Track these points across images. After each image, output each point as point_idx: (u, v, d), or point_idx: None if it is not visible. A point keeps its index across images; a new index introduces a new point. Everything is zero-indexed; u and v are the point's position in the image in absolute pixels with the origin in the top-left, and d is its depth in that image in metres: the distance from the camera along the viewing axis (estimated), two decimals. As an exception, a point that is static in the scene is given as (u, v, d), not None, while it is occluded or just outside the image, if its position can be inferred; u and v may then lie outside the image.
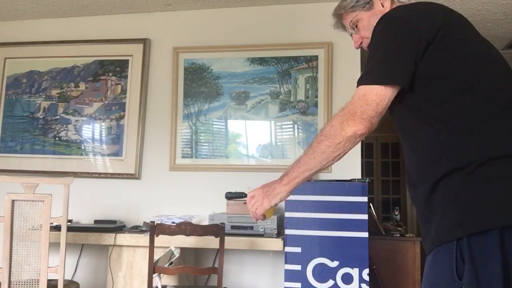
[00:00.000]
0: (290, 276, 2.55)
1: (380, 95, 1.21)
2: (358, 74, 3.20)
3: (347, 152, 1.27)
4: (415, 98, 1.24)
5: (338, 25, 1.60)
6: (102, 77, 3.51)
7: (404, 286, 3.18)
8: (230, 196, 2.94)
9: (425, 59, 1.21)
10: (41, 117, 3.55)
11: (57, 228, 2.53)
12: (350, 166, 3.11)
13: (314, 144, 1.30)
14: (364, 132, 1.21)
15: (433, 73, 1.21)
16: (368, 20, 1.45)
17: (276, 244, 2.71)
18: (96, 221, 3.25)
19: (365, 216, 2.50)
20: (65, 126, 3.51)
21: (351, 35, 1.54)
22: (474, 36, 1.29)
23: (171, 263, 2.49)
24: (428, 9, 1.30)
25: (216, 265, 2.52)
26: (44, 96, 3.58)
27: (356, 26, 1.49)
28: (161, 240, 2.54)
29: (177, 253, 2.55)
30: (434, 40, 1.21)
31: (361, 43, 1.50)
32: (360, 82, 1.25)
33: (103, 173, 3.41)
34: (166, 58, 3.44)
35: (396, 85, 1.22)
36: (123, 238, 2.84)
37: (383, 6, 1.44)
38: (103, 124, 3.46)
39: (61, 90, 3.56)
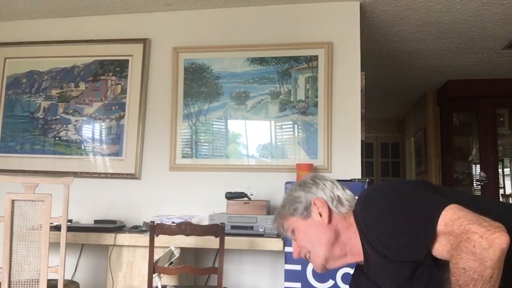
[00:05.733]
0: (290, 276, 2.55)
1: (453, 208, 1.05)
2: (358, 74, 3.20)
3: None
4: None
5: (279, 230, 1.48)
6: (102, 77, 3.51)
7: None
8: (230, 196, 2.95)
9: None
10: (41, 117, 3.55)
11: (57, 228, 2.53)
12: (350, 166, 3.11)
13: None
14: (507, 235, 0.95)
15: None
16: (305, 230, 1.37)
17: (276, 244, 2.71)
18: (96, 221, 3.25)
19: (365, 216, 2.49)
20: (65, 126, 3.51)
21: (291, 240, 1.46)
22: None
23: (171, 263, 2.49)
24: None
25: (216, 265, 2.52)
26: (44, 96, 3.58)
27: (293, 233, 1.41)
28: (161, 240, 2.54)
29: (177, 253, 2.55)
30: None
31: (299, 252, 1.40)
32: (430, 234, 1.06)
33: (103, 173, 3.41)
34: (166, 58, 3.44)
35: (451, 204, 1.07)
36: (123, 238, 2.84)
37: (321, 216, 1.35)
38: (103, 124, 3.46)
39: (61, 90, 3.56)
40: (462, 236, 0.97)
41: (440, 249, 1.06)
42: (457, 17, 3.46)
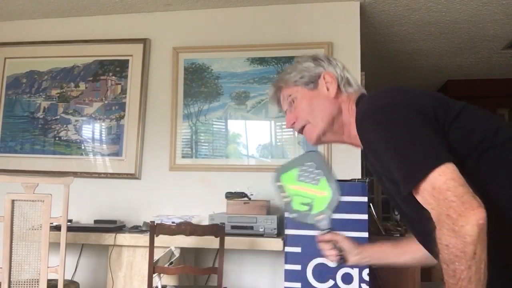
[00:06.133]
0: (290, 276, 2.55)
1: (446, 173, 1.00)
2: (358, 74, 3.20)
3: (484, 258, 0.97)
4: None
5: (274, 98, 1.41)
6: (102, 77, 3.51)
7: (404, 286, 3.18)
8: (230, 196, 2.95)
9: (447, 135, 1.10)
10: (41, 117, 3.55)
11: (57, 228, 2.53)
12: (350, 166, 3.11)
13: (449, 282, 0.98)
14: (483, 211, 0.95)
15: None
16: (309, 100, 1.32)
17: (276, 244, 2.71)
18: (96, 221, 3.25)
19: (365, 216, 2.50)
20: (65, 126, 3.51)
21: (285, 112, 1.39)
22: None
23: (171, 263, 2.50)
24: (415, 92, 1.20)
25: (216, 265, 2.52)
26: (44, 96, 3.58)
27: (293, 102, 1.34)
28: (161, 240, 2.54)
29: (177, 253, 2.55)
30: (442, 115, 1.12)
31: (293, 123, 1.34)
32: (411, 183, 1.04)
33: (103, 173, 3.41)
34: (166, 58, 3.44)
35: (446, 163, 1.02)
36: (123, 238, 2.84)
37: (328, 90, 1.31)
38: (103, 124, 3.46)
39: (61, 90, 3.56)
40: (442, 209, 0.98)
41: (422, 201, 1.04)
42: (457, 17, 3.46)
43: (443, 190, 0.98)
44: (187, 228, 2.45)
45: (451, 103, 1.16)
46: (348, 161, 3.13)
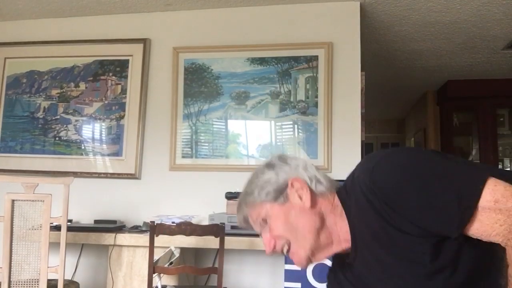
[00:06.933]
0: (290, 276, 2.55)
1: (499, 182, 0.92)
2: (358, 74, 3.20)
3: None
4: None
5: (246, 220, 1.22)
6: (102, 77, 3.51)
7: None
8: (230, 196, 2.95)
9: None
10: (41, 117, 3.55)
11: (57, 228, 2.53)
12: (350, 166, 3.10)
13: None
14: None
15: None
16: (284, 218, 1.13)
17: (276, 244, 2.70)
18: (96, 221, 3.25)
19: (365, 216, 2.49)
20: (65, 126, 3.51)
21: (260, 233, 1.20)
22: None
23: (171, 263, 2.49)
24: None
25: (216, 265, 2.52)
26: (44, 96, 3.58)
27: (265, 223, 1.16)
28: (161, 240, 2.54)
29: (177, 253, 2.55)
30: None
31: (274, 245, 1.16)
32: (467, 209, 0.91)
33: (103, 173, 3.41)
34: (166, 58, 3.44)
35: (490, 176, 0.94)
36: (123, 238, 2.84)
37: (301, 199, 1.12)
38: (103, 124, 3.46)
39: (61, 90, 3.56)
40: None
41: (481, 229, 0.91)
42: (457, 17, 3.46)
43: (509, 196, 0.89)
44: (187, 228, 2.45)
45: (442, 153, 1.12)
46: (348, 161, 3.12)
